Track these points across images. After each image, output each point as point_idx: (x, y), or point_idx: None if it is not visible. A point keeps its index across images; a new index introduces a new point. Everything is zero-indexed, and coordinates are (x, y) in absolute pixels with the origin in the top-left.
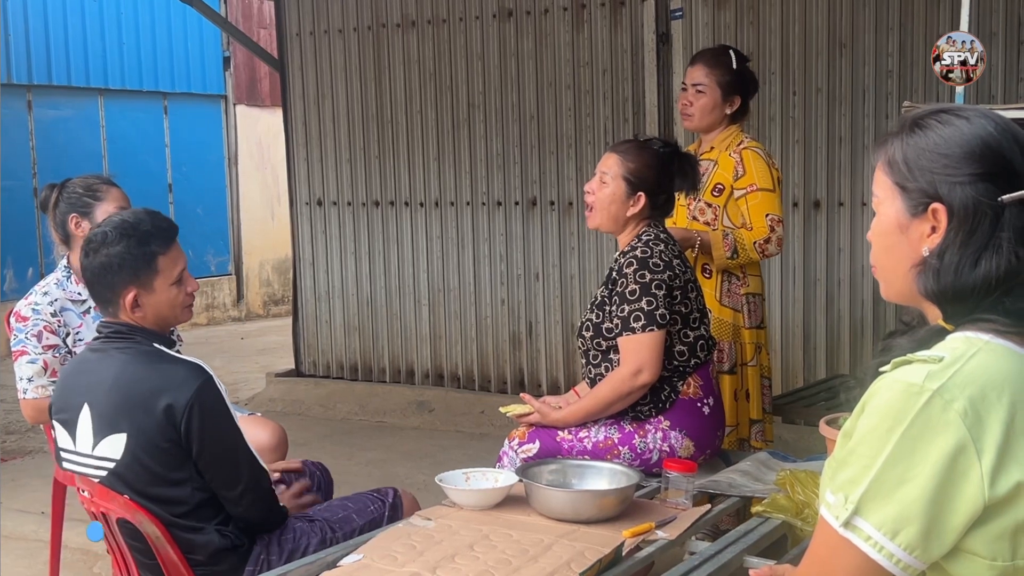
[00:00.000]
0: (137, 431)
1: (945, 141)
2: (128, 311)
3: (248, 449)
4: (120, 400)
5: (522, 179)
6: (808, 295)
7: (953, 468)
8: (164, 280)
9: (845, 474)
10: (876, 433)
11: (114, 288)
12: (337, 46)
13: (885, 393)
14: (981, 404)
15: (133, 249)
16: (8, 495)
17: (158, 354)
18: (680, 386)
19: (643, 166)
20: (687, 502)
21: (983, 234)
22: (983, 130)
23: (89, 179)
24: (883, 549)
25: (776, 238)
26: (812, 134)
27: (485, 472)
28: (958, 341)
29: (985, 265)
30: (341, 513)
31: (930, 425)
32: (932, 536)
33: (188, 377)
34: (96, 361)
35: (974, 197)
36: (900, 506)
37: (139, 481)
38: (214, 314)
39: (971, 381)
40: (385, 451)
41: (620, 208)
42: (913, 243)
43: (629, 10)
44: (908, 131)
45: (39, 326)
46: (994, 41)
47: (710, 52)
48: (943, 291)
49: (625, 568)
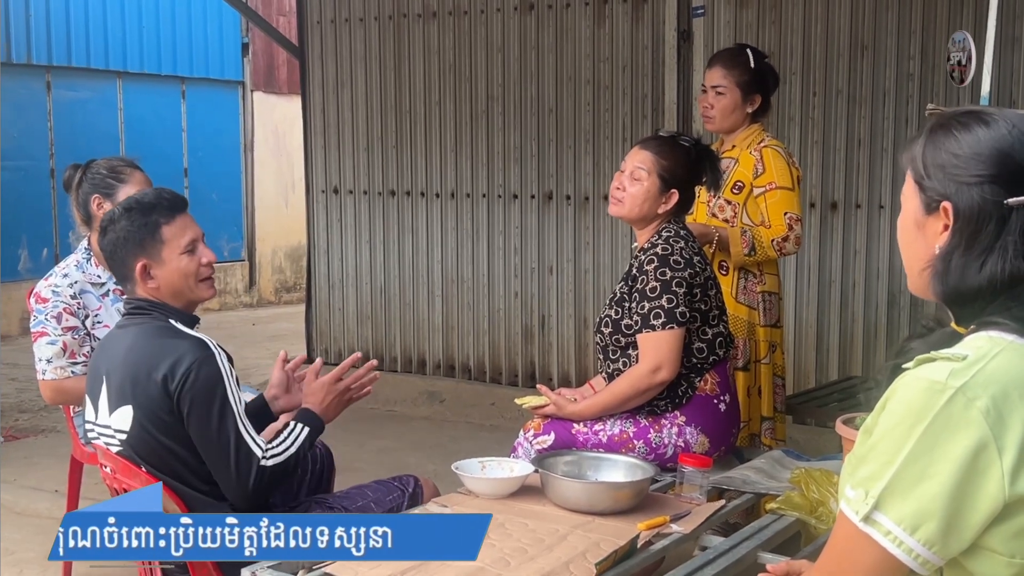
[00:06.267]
0: (140, 403)
1: (960, 143)
2: (142, 284)
3: (239, 431)
4: (128, 373)
5: (539, 172)
6: (823, 296)
7: (974, 466)
8: (172, 250)
9: (866, 470)
10: (898, 429)
11: (125, 262)
12: (358, 35)
13: (908, 390)
14: (1004, 403)
15: (136, 220)
16: (21, 472)
17: (170, 329)
18: (697, 382)
19: (676, 164)
20: (701, 497)
21: (988, 236)
22: (998, 133)
23: (113, 161)
24: (902, 544)
25: (794, 236)
26: (831, 135)
27: (501, 462)
28: (981, 340)
29: (990, 268)
30: (360, 501)
31: (952, 422)
32: (951, 532)
33: (189, 351)
34: (116, 337)
35: (980, 198)
36: (920, 502)
37: (151, 455)
38: (226, 300)
39: (994, 380)
40: (395, 440)
41: (653, 205)
42: (928, 239)
43: (651, 6)
44: (932, 131)
45: (59, 308)
46: (1017, 47)
47: (727, 53)
48: (949, 293)
49: (640, 560)
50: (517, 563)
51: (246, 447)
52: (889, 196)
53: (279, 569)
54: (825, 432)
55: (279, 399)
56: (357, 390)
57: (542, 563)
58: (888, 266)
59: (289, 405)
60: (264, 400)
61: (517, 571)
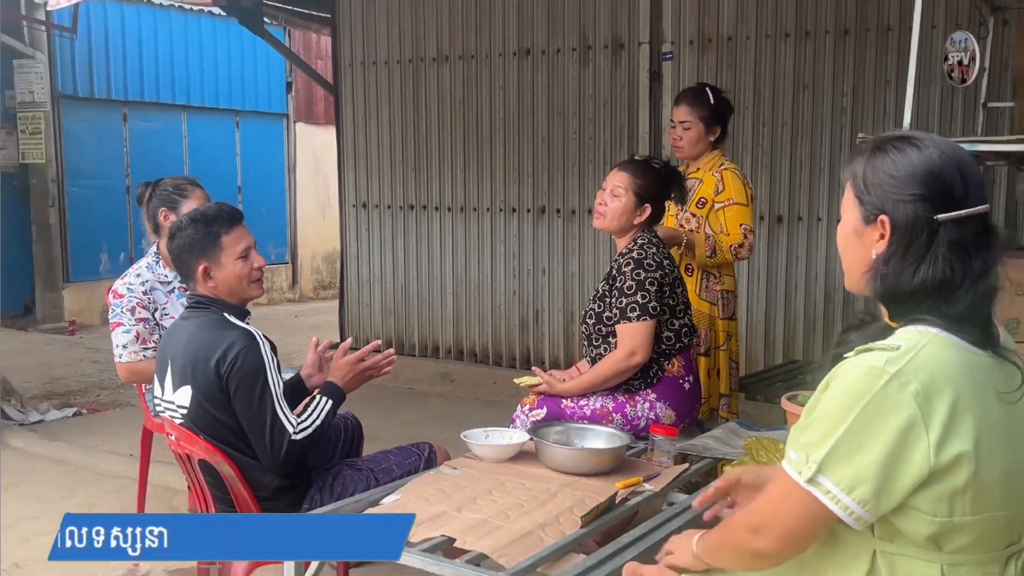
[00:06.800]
0: (198, 384)
1: (895, 165)
2: (203, 283)
3: (275, 410)
4: (188, 358)
5: (533, 190)
6: (770, 294)
7: (905, 440)
8: (229, 255)
9: (807, 437)
10: (840, 406)
11: (189, 264)
12: (383, 76)
13: (849, 374)
14: (931, 387)
15: (200, 230)
16: (102, 440)
17: (224, 322)
18: (666, 365)
19: (649, 183)
20: (669, 461)
21: (920, 247)
22: (929, 158)
23: (178, 179)
24: (839, 502)
25: (748, 244)
26: (777, 159)
27: (502, 431)
28: (912, 333)
29: (922, 274)
30: (384, 464)
31: (888, 402)
32: (883, 494)
33: (238, 340)
34: (180, 327)
35: (914, 214)
36: (857, 468)
37: (208, 426)
38: (272, 296)
39: (923, 367)
40: (414, 413)
41: (630, 217)
42: (866, 246)
43: (627, 52)
44: (871, 153)
45: (133, 302)
46: (932, 87)
47: (691, 91)
48: (886, 293)
49: (618, 513)
50: (515, 516)
51: (280, 424)
52: (826, 210)
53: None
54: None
55: (313, 377)
56: (376, 370)
57: (536, 516)
58: (824, 269)
59: (321, 382)
60: (300, 378)
61: (515, 522)
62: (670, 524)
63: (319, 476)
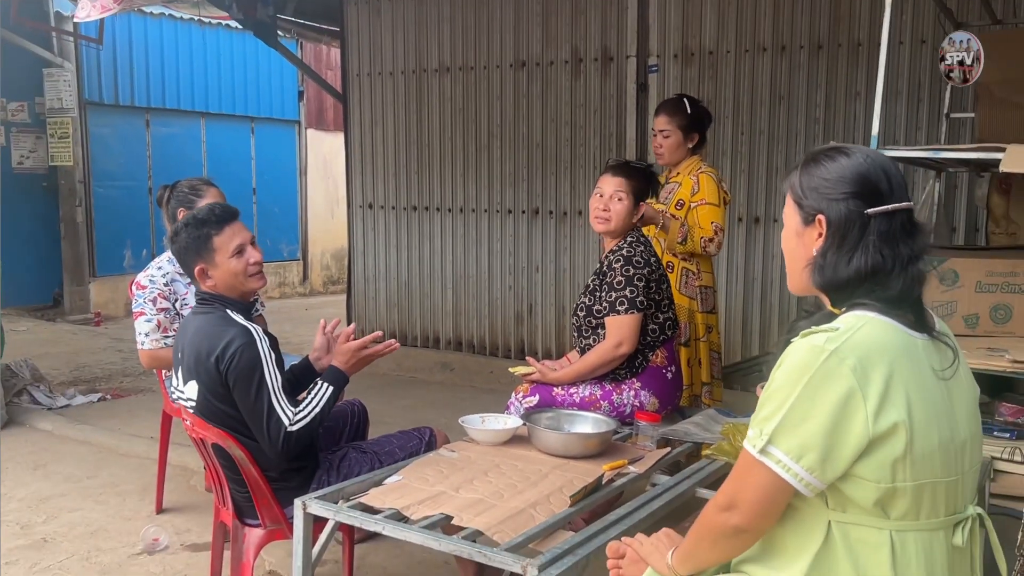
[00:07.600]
0: (203, 378)
1: (828, 170)
2: (202, 282)
3: (271, 404)
4: (193, 353)
5: (528, 193)
6: (747, 290)
7: (844, 409)
8: (223, 254)
9: (762, 413)
10: (787, 383)
11: (188, 265)
12: (388, 85)
13: (795, 354)
14: (867, 362)
15: (192, 233)
16: (124, 423)
17: (225, 319)
18: (650, 356)
19: (640, 183)
20: (652, 445)
21: (854, 238)
22: (857, 162)
23: (193, 180)
24: (789, 469)
25: (717, 240)
26: (755, 166)
27: (497, 417)
28: (851, 317)
29: (856, 262)
30: (387, 447)
31: (828, 376)
32: (828, 461)
33: (236, 337)
34: (189, 322)
35: (846, 210)
36: (804, 437)
37: (215, 416)
38: (285, 290)
39: (860, 345)
40: (416, 400)
41: (629, 218)
42: (807, 245)
43: (616, 65)
44: (805, 164)
45: (154, 293)
46: (899, 99)
47: (670, 102)
48: (826, 282)
49: (604, 493)
50: (509, 495)
51: (276, 416)
52: None
53: (324, 499)
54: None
55: (321, 359)
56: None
57: (528, 495)
58: None
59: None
60: (308, 361)
61: (509, 501)
62: (652, 504)
63: (327, 458)
